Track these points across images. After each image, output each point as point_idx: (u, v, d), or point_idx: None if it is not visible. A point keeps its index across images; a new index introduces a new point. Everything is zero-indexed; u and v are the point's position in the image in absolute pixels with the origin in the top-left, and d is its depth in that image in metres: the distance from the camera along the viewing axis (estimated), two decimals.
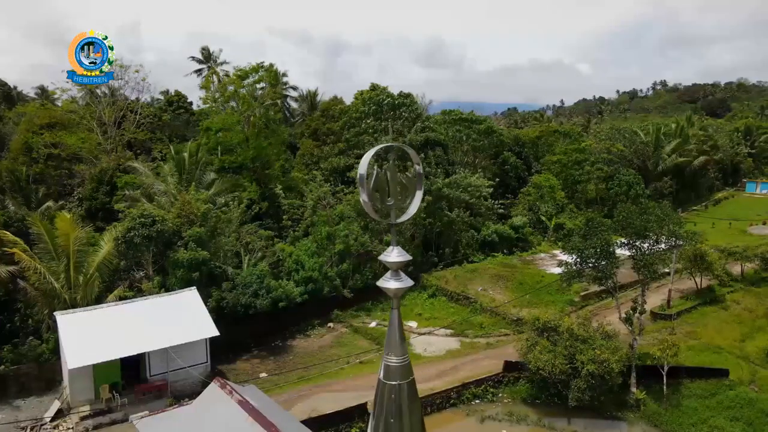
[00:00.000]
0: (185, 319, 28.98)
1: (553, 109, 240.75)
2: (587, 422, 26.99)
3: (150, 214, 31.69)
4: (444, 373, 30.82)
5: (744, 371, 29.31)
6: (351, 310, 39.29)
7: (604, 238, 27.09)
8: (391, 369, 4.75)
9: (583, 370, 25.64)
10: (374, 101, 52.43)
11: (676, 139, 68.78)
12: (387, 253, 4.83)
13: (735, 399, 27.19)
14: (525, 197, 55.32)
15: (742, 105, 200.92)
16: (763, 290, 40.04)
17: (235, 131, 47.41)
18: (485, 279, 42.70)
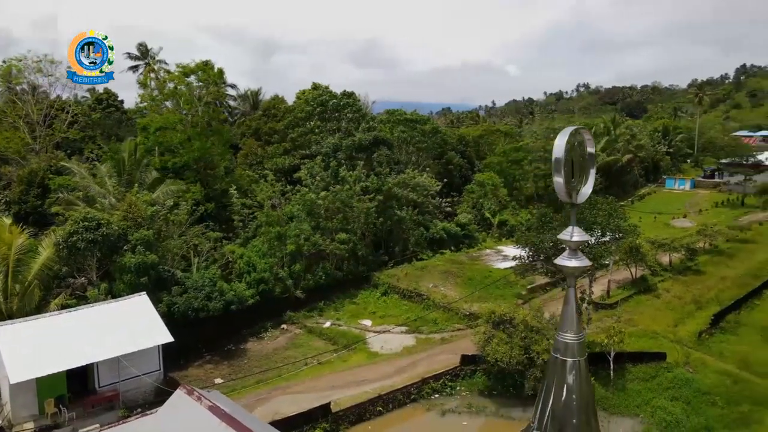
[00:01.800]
0: (136, 325, 27.76)
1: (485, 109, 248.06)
2: None
3: (94, 217, 30.10)
4: (402, 369, 31.20)
5: (679, 354, 31.45)
6: (304, 311, 38.95)
7: (556, 232, 28.36)
8: (569, 346, 4.80)
9: (539, 359, 26.75)
10: (318, 101, 52.14)
11: (605, 138, 72.82)
12: (566, 232, 4.92)
13: (673, 380, 29.18)
14: (469, 195, 56.80)
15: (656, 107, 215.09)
16: (689, 278, 43.23)
17: (177, 131, 45.80)
18: (435, 276, 43.51)
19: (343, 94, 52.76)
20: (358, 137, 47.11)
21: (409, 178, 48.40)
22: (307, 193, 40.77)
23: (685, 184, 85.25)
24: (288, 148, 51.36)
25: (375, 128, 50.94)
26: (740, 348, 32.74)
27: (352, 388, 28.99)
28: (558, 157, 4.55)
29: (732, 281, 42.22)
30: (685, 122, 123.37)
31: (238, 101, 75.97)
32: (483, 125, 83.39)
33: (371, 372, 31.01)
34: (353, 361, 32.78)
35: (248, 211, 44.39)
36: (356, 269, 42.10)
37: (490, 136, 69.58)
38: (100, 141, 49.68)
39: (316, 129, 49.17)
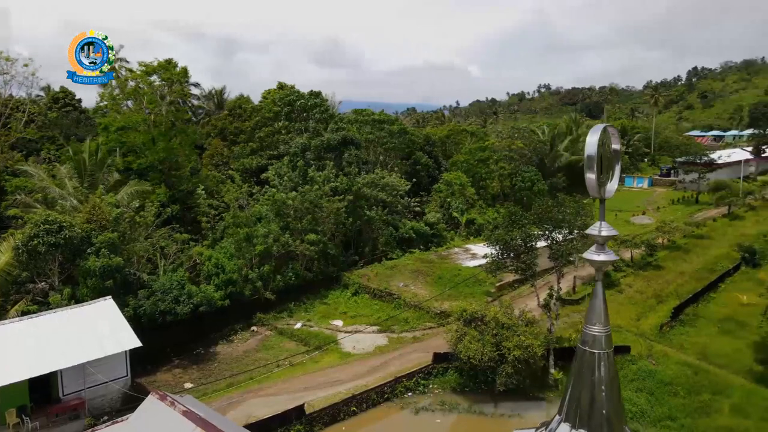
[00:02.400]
0: (102, 330, 26.96)
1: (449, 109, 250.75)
2: (513, 405, 28.59)
3: (56, 220, 29.08)
4: (375, 369, 31.29)
5: (642, 347, 32.53)
6: (274, 312, 38.61)
7: (526, 230, 28.94)
8: (597, 338, 4.88)
9: (510, 355, 27.25)
10: (286, 101, 51.72)
11: (568, 137, 74.58)
12: (594, 227, 5.01)
13: (637, 372, 30.17)
14: (437, 195, 57.27)
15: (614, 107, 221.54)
16: (650, 273, 44.69)
17: (140, 131, 44.70)
18: (405, 275, 43.74)
19: (310, 93, 52.47)
20: (326, 137, 46.95)
21: (378, 178, 48.51)
22: (276, 194, 40.39)
23: (643, 182, 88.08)
24: (255, 148, 50.74)
25: (344, 128, 50.85)
26: (699, 339, 34.02)
27: (325, 389, 28.91)
28: (590, 155, 4.68)
29: (689, 275, 43.86)
30: (642, 122, 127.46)
31: (202, 100, 74.62)
32: (449, 125, 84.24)
33: (344, 372, 30.99)
34: (325, 361, 32.68)
35: (215, 213, 43.74)
36: (326, 269, 41.96)
37: (457, 136, 70.39)
38: (60, 141, 47.96)
39: (283, 129, 48.66)
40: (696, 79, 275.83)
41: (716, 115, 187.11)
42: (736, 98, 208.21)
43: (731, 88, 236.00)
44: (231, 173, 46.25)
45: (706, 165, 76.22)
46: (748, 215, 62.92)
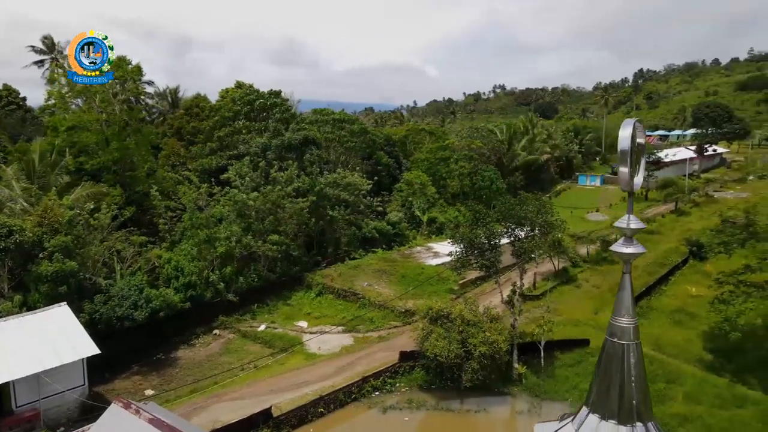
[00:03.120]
0: (57, 338, 25.91)
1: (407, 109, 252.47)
2: (479, 400, 29.03)
3: (5, 224, 27.72)
4: (342, 369, 31.20)
5: (599, 339, 33.44)
6: (236, 315, 37.98)
7: (490, 227, 29.44)
8: (626, 330, 4.90)
9: (476, 352, 27.67)
10: (245, 100, 50.90)
11: (525, 137, 76.31)
12: (623, 220, 5.05)
13: None
14: (398, 194, 57.55)
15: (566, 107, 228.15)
16: (605, 268, 46.19)
17: (93, 130, 43.10)
18: (369, 274, 43.77)
19: (270, 93, 51.81)
20: (287, 137, 46.44)
21: (339, 177, 48.36)
22: (237, 194, 39.69)
23: (596, 180, 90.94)
24: (214, 149, 49.69)
25: (304, 128, 50.43)
26: (652, 331, 35.35)
27: (292, 391, 28.63)
28: (624, 149, 4.78)
29: (642, 269, 45.53)
30: (593, 122, 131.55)
31: (156, 99, 72.53)
32: (408, 125, 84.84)
33: (311, 373, 30.77)
34: (291, 363, 32.36)
35: (173, 214, 42.64)
36: (289, 270, 41.56)
37: (416, 136, 70.95)
38: (5, 141, 45.71)
39: (243, 129, 47.86)
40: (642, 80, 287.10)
41: (661, 115, 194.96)
42: (679, 99, 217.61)
43: (674, 90, 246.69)
44: (188, 174, 45.16)
45: (654, 163, 79.31)
46: (693, 211, 65.88)
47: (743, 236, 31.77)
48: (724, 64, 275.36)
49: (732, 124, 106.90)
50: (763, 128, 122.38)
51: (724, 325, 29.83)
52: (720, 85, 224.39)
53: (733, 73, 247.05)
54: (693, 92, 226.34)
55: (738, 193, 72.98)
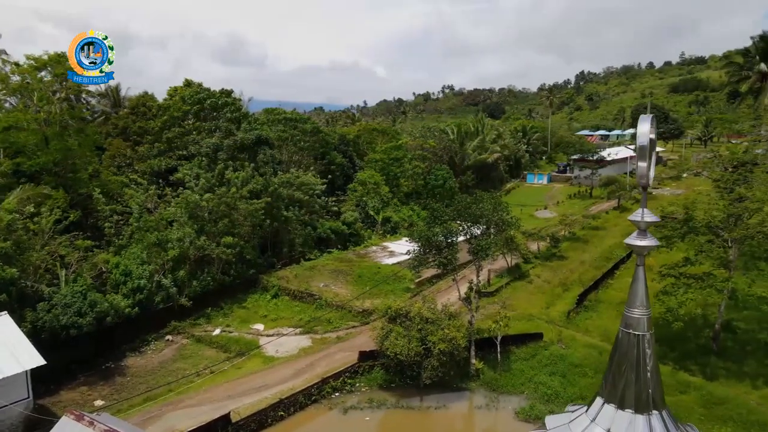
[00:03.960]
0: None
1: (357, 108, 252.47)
2: (438, 397, 29.38)
3: None
4: (301, 371, 30.92)
5: (552, 333, 34.66)
6: (190, 320, 36.94)
7: (447, 225, 29.85)
8: (640, 321, 4.95)
9: (435, 349, 28.01)
10: (195, 99, 49.60)
11: (477, 137, 77.79)
12: (637, 214, 5.10)
13: (550, 357, 32.14)
14: (352, 194, 57.48)
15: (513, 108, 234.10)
16: (555, 264, 47.72)
17: (30, 130, 40.94)
18: (325, 275, 43.54)
19: (221, 92, 50.68)
20: (240, 137, 45.53)
21: (293, 177, 47.87)
22: (190, 195, 38.62)
23: (543, 178, 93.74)
24: (163, 149, 48.12)
25: (257, 128, 49.59)
26: (601, 323, 36.80)
27: (251, 396, 28.15)
28: (643, 144, 4.89)
29: (590, 264, 47.34)
30: (539, 122, 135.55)
31: (97, 98, 69.48)
32: (360, 124, 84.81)
33: (269, 377, 30.35)
34: (249, 367, 31.80)
35: (119, 217, 41.08)
36: (244, 272, 40.80)
37: (369, 135, 71.10)
38: None
39: (194, 129, 46.57)
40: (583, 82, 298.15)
41: (601, 116, 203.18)
42: (618, 100, 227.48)
43: (613, 91, 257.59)
44: (135, 176, 43.57)
45: (598, 162, 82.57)
46: (634, 207, 68.64)
47: (683, 230, 33.44)
48: (659, 67, 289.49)
49: (667, 125, 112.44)
50: (695, 128, 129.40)
51: (667, 316, 31.28)
52: (655, 87, 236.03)
53: (666, 75, 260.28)
54: (630, 94, 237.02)
55: (674, 190, 76.75)
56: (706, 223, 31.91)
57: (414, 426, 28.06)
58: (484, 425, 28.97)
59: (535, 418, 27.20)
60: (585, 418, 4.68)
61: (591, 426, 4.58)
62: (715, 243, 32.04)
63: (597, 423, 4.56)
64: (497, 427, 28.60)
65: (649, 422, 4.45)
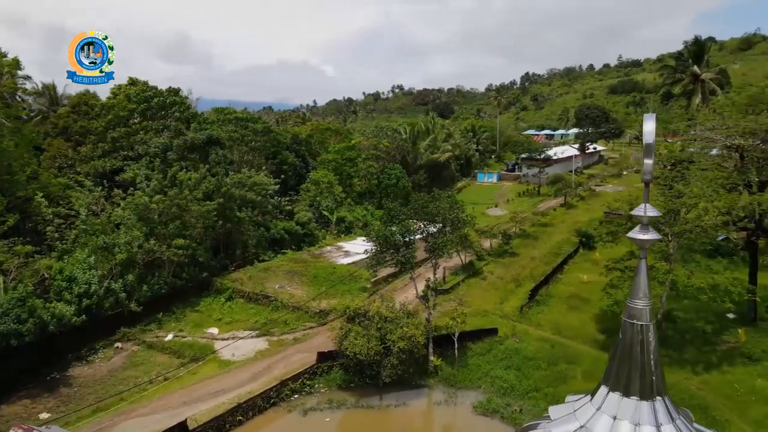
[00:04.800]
0: None
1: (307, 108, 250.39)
2: (398, 395, 29.62)
3: None
4: (259, 374, 30.49)
5: (507, 328, 35.51)
6: (140, 325, 35.75)
7: (405, 224, 30.09)
8: (643, 311, 5.05)
9: (395, 347, 28.21)
10: (141, 98, 47.93)
11: (429, 137, 78.64)
12: (640, 209, 5.19)
13: (505, 351, 32.94)
14: (306, 194, 57.04)
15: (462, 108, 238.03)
16: (507, 260, 48.88)
17: None
18: (280, 276, 43.05)
19: (168, 90, 49.13)
20: (190, 136, 44.31)
21: (245, 177, 47.06)
22: (140, 197, 37.30)
23: (493, 177, 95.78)
24: (108, 149, 46.21)
25: (207, 128, 48.42)
26: (552, 316, 38.01)
27: (207, 401, 27.54)
28: (649, 143, 5.06)
29: (540, 260, 48.75)
30: (488, 122, 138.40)
31: (33, 96, 65.95)
32: (312, 124, 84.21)
33: (226, 381, 29.77)
34: (204, 372, 31.09)
35: (61, 221, 39.22)
36: (197, 275, 39.80)
37: (321, 135, 70.70)
38: None
39: (141, 129, 44.96)
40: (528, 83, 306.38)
41: (546, 116, 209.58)
42: (561, 101, 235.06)
43: (557, 92, 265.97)
44: (79, 178, 41.66)
45: (544, 160, 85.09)
46: (580, 204, 71.41)
47: (628, 226, 34.96)
48: (598, 69, 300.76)
49: (608, 124, 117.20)
50: (633, 128, 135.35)
51: (615, 308, 32.68)
52: (595, 88, 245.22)
53: (605, 77, 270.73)
54: (573, 95, 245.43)
55: (615, 187, 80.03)
56: None
57: (374, 425, 28.19)
58: (443, 421, 29.43)
59: (492, 412, 27.88)
60: (590, 406, 4.86)
61: (597, 414, 4.76)
62: None
63: (603, 411, 4.76)
64: (456, 422, 29.11)
65: (654, 408, 4.67)
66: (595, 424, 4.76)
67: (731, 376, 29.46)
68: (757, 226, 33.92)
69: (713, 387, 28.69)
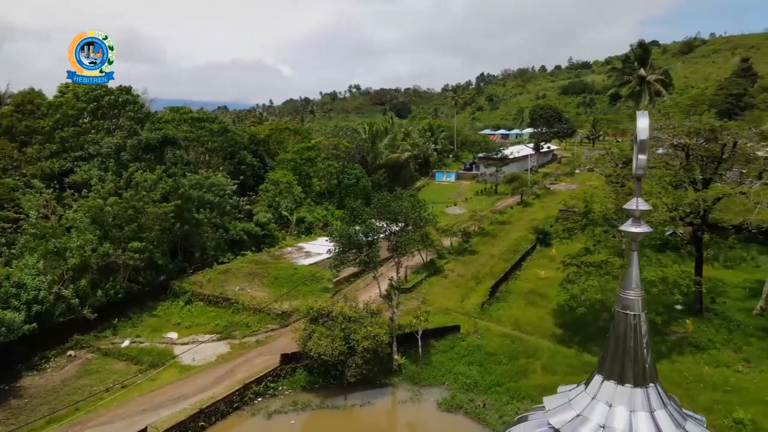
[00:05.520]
0: None
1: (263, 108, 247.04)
2: (363, 394, 29.67)
3: None
4: (221, 378, 29.98)
5: (468, 325, 36.08)
6: (95, 332, 34.58)
7: (368, 224, 30.13)
8: (634, 302, 5.15)
9: (359, 347, 28.25)
10: (92, 97, 46.26)
11: (388, 136, 78.91)
12: (632, 203, 5.27)
13: (467, 348, 33.46)
14: (265, 194, 56.34)
15: (419, 108, 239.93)
16: (467, 258, 49.64)
17: None
18: (240, 278, 42.40)
19: (120, 89, 47.54)
20: (145, 136, 43.03)
21: (203, 178, 46.10)
22: (93, 199, 35.98)
23: (451, 176, 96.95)
24: (56, 150, 44.35)
25: (161, 127, 47.15)
26: (512, 312, 38.85)
27: (168, 408, 26.89)
28: (643, 139, 5.20)
29: (499, 257, 49.72)
30: (445, 122, 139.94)
31: None
32: (270, 123, 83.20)
33: (187, 387, 29.14)
34: (164, 378, 30.33)
35: (7, 225, 37.48)
36: (154, 279, 38.75)
37: (280, 135, 69.94)
38: None
39: (92, 129, 43.35)
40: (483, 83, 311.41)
41: (501, 116, 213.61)
42: (515, 101, 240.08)
43: (511, 93, 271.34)
44: (26, 179, 39.85)
45: (501, 160, 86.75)
46: (535, 202, 73.18)
47: (583, 222, 36.14)
48: (550, 71, 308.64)
49: (561, 124, 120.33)
50: (584, 128, 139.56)
51: (571, 302, 33.67)
52: (547, 89, 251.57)
53: (557, 79, 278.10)
54: (526, 95, 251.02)
55: (569, 185, 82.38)
56: (602, 215, 34.60)
57: (339, 425, 28.16)
58: (409, 418, 29.65)
59: (456, 408, 28.30)
60: (585, 395, 5.02)
61: (593, 402, 4.93)
62: (610, 233, 34.86)
63: (598, 399, 4.92)
64: (421, 419, 29.37)
65: (647, 394, 4.87)
66: (591, 412, 4.94)
67: (680, 364, 30.82)
68: (702, 221, 35.59)
69: (664, 375, 29.92)
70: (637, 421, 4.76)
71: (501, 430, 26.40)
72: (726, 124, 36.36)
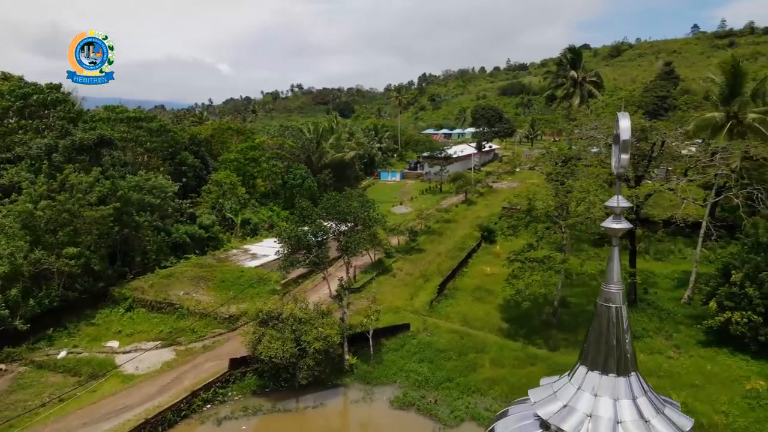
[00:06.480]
0: None
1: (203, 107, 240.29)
2: (315, 396, 29.50)
3: None
4: (167, 386, 29.07)
5: (418, 322, 36.56)
6: (27, 344, 32.76)
7: (317, 224, 29.93)
8: (615, 295, 5.29)
9: (310, 349, 28.05)
10: (18, 95, 43.63)
11: (333, 136, 78.51)
12: (613, 200, 5.37)
13: (418, 345, 33.88)
14: (207, 196, 54.90)
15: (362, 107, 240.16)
16: (414, 256, 50.19)
17: None
18: (185, 282, 41.17)
19: (49, 87, 45.01)
20: (78, 137, 40.92)
21: (143, 180, 44.41)
22: (23, 203, 33.91)
23: (396, 175, 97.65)
24: None
25: (96, 127, 45.01)
26: (460, 309, 39.59)
27: (111, 420, 25.84)
28: (625, 139, 5.36)
29: (445, 255, 50.53)
30: (388, 122, 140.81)
31: None
32: (214, 123, 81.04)
33: (130, 397, 28.06)
34: (106, 389, 29.07)
35: None
36: (92, 286, 36.98)
37: (222, 135, 68.28)
38: None
39: (19, 128, 40.83)
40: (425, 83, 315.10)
41: (444, 116, 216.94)
42: (457, 102, 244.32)
43: (453, 93, 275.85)
44: None
45: (445, 159, 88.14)
46: (479, 200, 74.81)
47: (527, 220, 37.32)
48: (489, 72, 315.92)
49: (502, 124, 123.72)
50: (523, 127, 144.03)
51: (517, 297, 34.69)
52: (487, 89, 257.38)
53: (496, 80, 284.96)
54: (467, 95, 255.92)
55: (510, 183, 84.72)
56: (544, 212, 35.84)
57: (292, 428, 27.89)
58: (361, 418, 29.68)
59: (408, 405, 28.61)
60: (570, 386, 5.21)
61: (578, 393, 5.12)
62: (552, 229, 36.17)
63: (583, 389, 5.12)
64: (373, 418, 29.47)
65: (630, 382, 5.11)
66: (577, 402, 5.15)
67: None
68: (635, 216, 37.51)
69: None
70: (621, 408, 5.03)
71: (453, 425, 26.93)
72: (655, 124, 38.51)
